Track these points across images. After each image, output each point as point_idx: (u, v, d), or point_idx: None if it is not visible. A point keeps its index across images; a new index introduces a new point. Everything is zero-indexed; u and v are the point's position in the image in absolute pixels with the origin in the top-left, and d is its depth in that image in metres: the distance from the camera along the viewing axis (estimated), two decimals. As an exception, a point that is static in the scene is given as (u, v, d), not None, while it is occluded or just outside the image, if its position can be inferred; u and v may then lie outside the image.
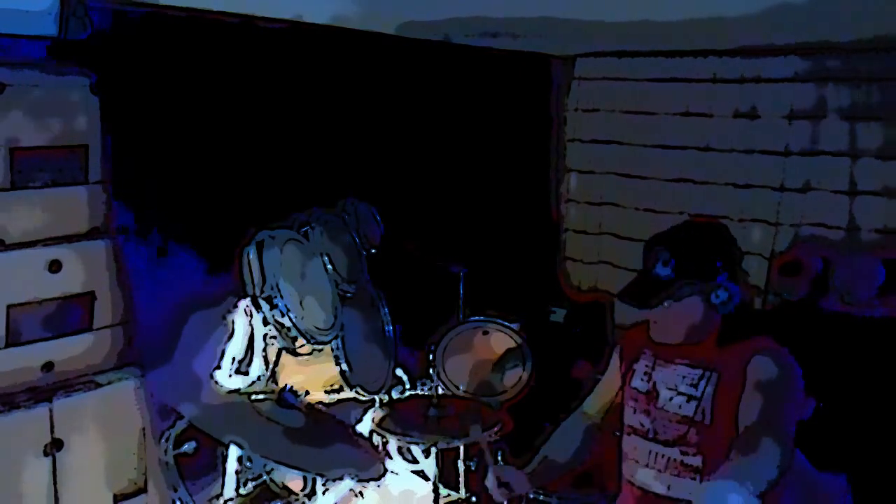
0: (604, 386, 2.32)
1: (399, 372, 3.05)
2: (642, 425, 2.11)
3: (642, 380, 2.14)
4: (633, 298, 2.06)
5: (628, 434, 2.17)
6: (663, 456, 2.06)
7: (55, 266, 2.32)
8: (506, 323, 3.25)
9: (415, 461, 2.97)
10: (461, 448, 2.84)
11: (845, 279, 3.31)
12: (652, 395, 2.10)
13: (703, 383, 2.01)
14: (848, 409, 2.99)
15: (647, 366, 2.15)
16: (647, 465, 2.09)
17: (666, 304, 2.02)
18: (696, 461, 2.00)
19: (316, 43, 3.10)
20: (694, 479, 2.00)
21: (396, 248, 3.13)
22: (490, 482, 2.15)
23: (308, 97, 3.12)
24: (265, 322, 2.48)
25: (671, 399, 2.05)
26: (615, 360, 2.29)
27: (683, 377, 2.06)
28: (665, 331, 2.07)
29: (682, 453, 2.02)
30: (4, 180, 2.22)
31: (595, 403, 2.33)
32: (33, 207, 2.30)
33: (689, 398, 2.02)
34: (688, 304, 2.02)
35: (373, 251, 3.05)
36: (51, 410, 2.26)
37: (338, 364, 2.69)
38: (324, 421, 2.58)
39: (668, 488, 2.04)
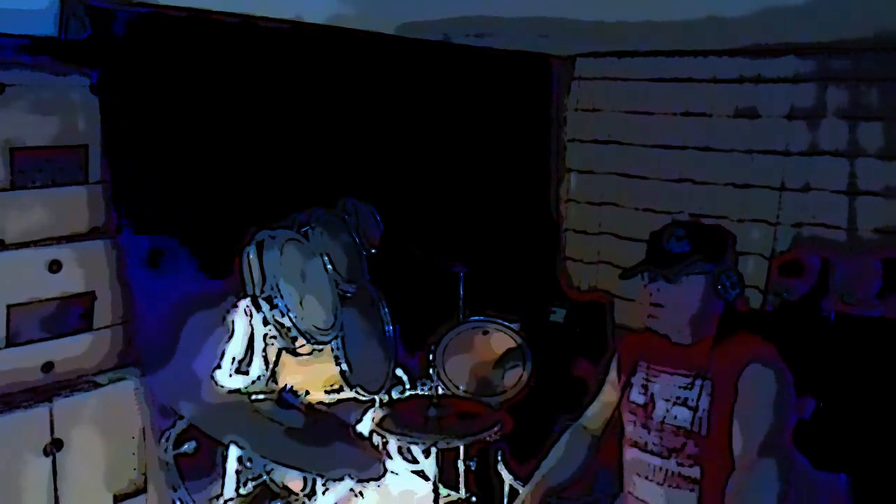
0: (603, 398, 2.31)
1: (399, 372, 3.05)
2: (641, 438, 2.11)
3: (640, 392, 2.14)
4: (650, 268, 2.05)
5: (628, 446, 2.16)
6: (661, 468, 2.05)
7: (55, 266, 2.32)
8: (506, 323, 3.25)
9: (415, 461, 2.97)
10: (461, 448, 2.84)
11: (845, 279, 3.32)
12: (649, 407, 2.10)
13: (697, 393, 2.00)
14: (848, 409, 2.99)
15: (643, 378, 2.14)
16: (646, 478, 2.08)
17: (675, 279, 2.00)
18: (695, 473, 2.00)
19: (316, 43, 3.10)
20: (693, 490, 2.00)
21: (396, 248, 3.13)
22: None
23: (308, 97, 3.13)
24: (265, 322, 2.48)
25: (668, 411, 2.05)
26: (614, 371, 2.28)
27: (679, 388, 2.05)
28: (669, 318, 2.05)
29: (680, 465, 2.02)
30: (4, 180, 2.22)
31: (595, 417, 2.32)
32: (33, 207, 2.30)
33: (686, 410, 2.01)
34: (696, 283, 2.01)
35: (373, 251, 3.05)
36: (51, 410, 2.26)
37: (338, 364, 2.69)
38: (324, 421, 2.58)
39: (668, 501, 2.03)
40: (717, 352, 2.01)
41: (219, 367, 2.52)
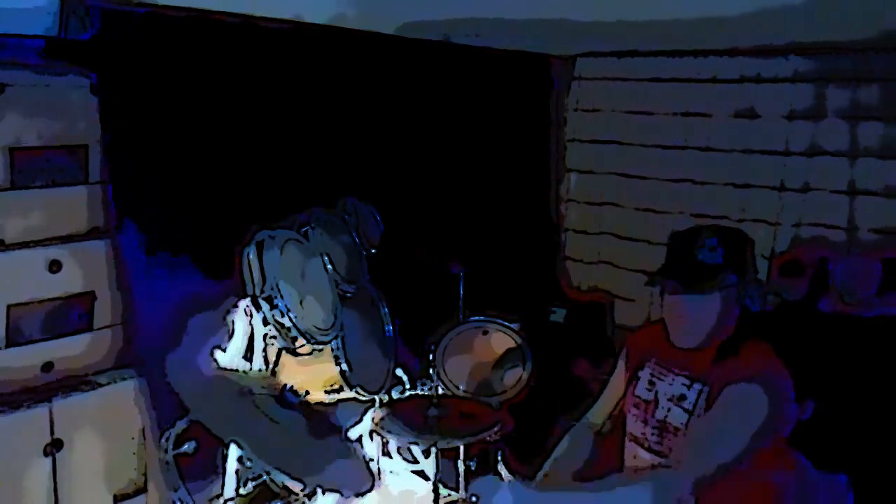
0: (610, 391, 2.31)
1: (399, 372, 3.05)
2: (642, 434, 2.11)
3: (647, 389, 2.13)
4: (684, 281, 1.97)
5: (629, 441, 2.16)
6: (657, 466, 2.05)
7: (55, 266, 2.32)
8: (506, 323, 3.25)
9: (415, 461, 2.97)
10: (461, 448, 2.84)
11: (845, 279, 3.31)
12: (652, 404, 2.09)
13: (694, 395, 2.00)
14: (848, 409, 2.99)
15: (651, 374, 2.13)
16: None
17: (709, 293, 1.95)
18: None
19: (316, 43, 3.10)
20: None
21: (396, 248, 3.13)
22: None
23: (308, 97, 3.13)
24: (265, 322, 2.48)
25: (669, 410, 2.05)
26: (621, 365, 2.27)
27: (680, 387, 2.05)
28: (696, 329, 2.01)
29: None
30: (4, 180, 2.22)
31: (601, 409, 2.31)
32: (33, 207, 2.30)
33: (683, 412, 2.01)
34: (725, 295, 1.97)
35: (373, 251, 3.05)
36: (51, 410, 2.26)
37: (338, 364, 2.69)
38: (319, 430, 2.56)
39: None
40: (722, 360, 1.99)
41: (221, 348, 2.51)
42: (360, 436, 2.79)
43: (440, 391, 3.03)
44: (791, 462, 2.06)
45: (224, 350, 2.50)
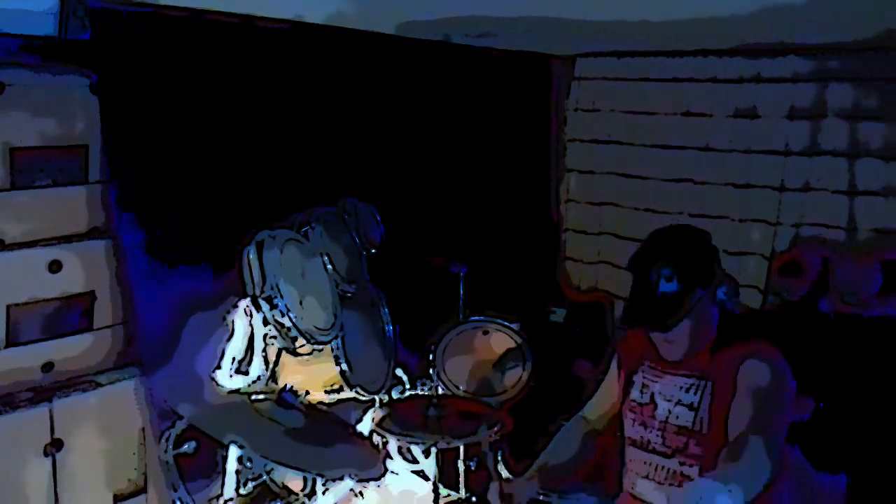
0: (604, 394, 2.32)
1: (399, 372, 3.05)
2: (641, 437, 2.11)
3: (641, 392, 2.14)
4: (651, 322, 2.03)
5: (628, 445, 2.17)
6: (662, 467, 2.06)
7: (55, 266, 2.32)
8: (506, 323, 3.25)
9: (415, 461, 2.96)
10: (461, 448, 2.84)
11: (845, 279, 3.31)
12: (650, 406, 2.10)
13: (699, 393, 2.01)
14: (848, 409, 2.99)
15: (645, 377, 2.15)
16: (646, 477, 2.09)
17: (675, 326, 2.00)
18: (695, 472, 2.00)
19: (315, 43, 3.10)
20: None
21: (397, 248, 3.13)
22: (493, 497, 2.14)
23: (308, 97, 3.13)
24: (265, 322, 2.48)
25: (670, 411, 2.05)
26: (614, 369, 2.28)
27: (680, 388, 2.05)
28: (676, 346, 2.06)
29: (681, 464, 2.02)
30: (4, 180, 2.22)
31: (596, 411, 2.32)
32: (33, 207, 2.30)
33: (688, 409, 2.02)
34: (698, 313, 2.01)
35: (373, 251, 3.05)
36: (51, 410, 2.26)
37: (338, 364, 2.69)
38: (324, 421, 2.58)
39: (668, 500, 2.04)
40: (717, 355, 2.02)
41: (219, 367, 2.52)
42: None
43: (440, 391, 3.03)
44: (788, 462, 2.06)
45: (221, 367, 2.51)
